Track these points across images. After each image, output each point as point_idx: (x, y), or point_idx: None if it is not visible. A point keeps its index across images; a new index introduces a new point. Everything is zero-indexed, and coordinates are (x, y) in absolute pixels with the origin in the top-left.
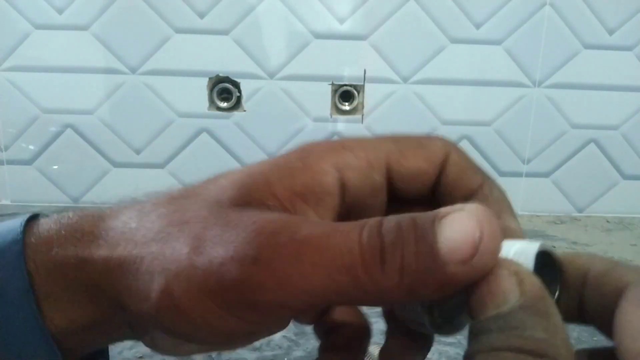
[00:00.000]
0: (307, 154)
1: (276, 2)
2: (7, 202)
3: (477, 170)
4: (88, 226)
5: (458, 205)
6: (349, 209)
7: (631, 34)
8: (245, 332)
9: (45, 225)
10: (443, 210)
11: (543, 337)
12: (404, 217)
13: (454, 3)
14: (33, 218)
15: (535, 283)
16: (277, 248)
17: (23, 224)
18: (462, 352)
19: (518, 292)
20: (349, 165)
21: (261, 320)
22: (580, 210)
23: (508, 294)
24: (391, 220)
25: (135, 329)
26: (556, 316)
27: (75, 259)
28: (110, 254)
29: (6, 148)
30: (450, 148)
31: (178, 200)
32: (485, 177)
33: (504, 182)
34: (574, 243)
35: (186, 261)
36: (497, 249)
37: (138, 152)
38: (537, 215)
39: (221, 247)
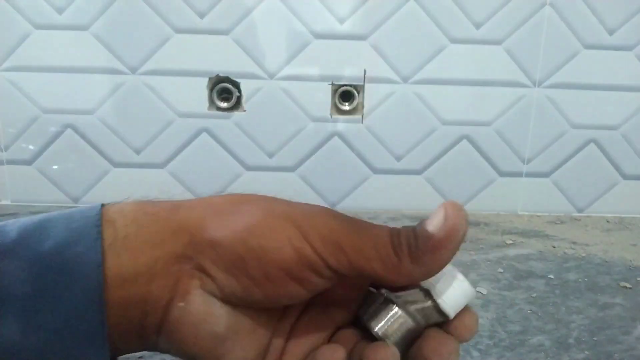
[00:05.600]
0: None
1: (276, 2)
2: (7, 202)
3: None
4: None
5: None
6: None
7: (631, 34)
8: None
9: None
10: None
11: None
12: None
13: (454, 3)
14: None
15: None
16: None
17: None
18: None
19: None
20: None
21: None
22: (580, 210)
23: None
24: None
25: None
26: None
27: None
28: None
29: (6, 148)
30: None
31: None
32: None
33: (504, 182)
34: (574, 243)
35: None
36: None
37: (138, 152)
38: (537, 215)
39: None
